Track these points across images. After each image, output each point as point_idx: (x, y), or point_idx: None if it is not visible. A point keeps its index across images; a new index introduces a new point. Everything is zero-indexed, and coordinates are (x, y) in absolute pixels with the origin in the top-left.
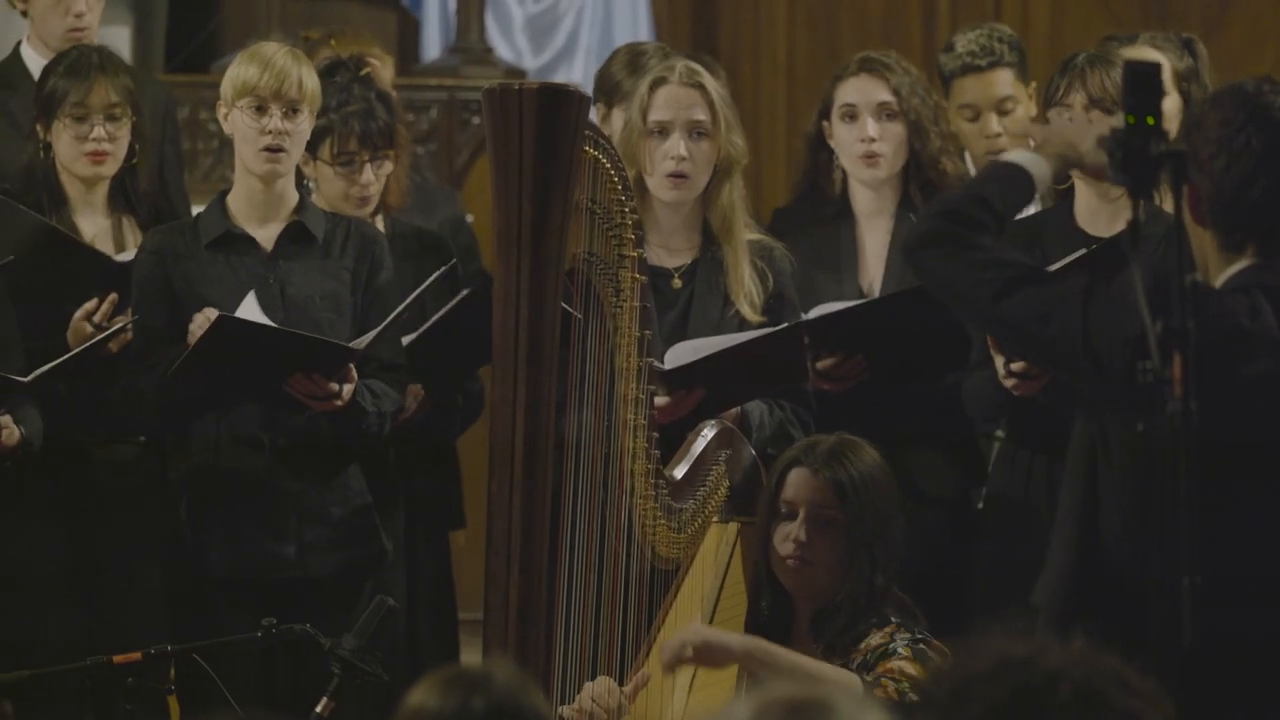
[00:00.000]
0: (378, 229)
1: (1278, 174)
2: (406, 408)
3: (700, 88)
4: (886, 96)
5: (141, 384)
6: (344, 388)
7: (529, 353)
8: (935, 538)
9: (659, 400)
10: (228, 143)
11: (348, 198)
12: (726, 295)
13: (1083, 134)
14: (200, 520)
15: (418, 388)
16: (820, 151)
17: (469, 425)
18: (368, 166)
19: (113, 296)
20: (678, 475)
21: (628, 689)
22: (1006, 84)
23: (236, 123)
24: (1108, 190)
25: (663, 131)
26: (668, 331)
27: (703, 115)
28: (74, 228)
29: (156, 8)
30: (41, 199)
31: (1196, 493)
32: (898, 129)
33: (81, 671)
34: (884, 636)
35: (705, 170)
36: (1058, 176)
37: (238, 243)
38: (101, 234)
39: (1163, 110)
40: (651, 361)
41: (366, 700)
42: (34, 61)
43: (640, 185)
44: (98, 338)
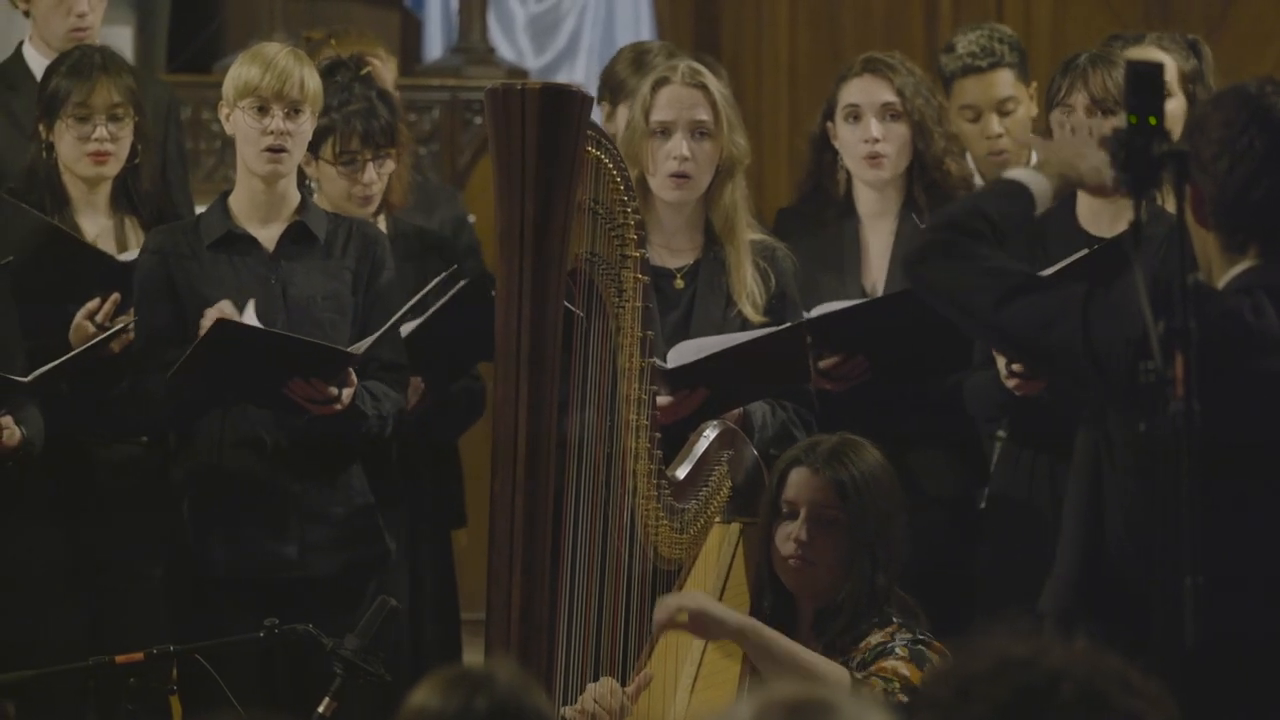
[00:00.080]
0: (380, 229)
1: None
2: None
3: (703, 88)
4: (890, 97)
5: (150, 384)
6: (343, 392)
7: (531, 353)
8: (937, 538)
9: (661, 400)
10: (230, 143)
11: (350, 197)
12: (729, 295)
13: (1083, 153)
14: (202, 520)
15: (417, 380)
16: (824, 152)
17: (471, 424)
18: (370, 166)
19: (115, 296)
20: (680, 476)
21: (630, 689)
22: (1007, 84)
23: (238, 123)
24: None
25: (665, 132)
26: (670, 332)
27: (705, 115)
28: (76, 228)
29: (159, 8)
30: (44, 199)
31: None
32: (901, 130)
33: (84, 671)
34: (885, 636)
35: (708, 170)
36: (1058, 195)
37: (239, 243)
38: (104, 234)
39: (1165, 110)
40: (654, 361)
41: (369, 701)
42: (36, 61)
43: (643, 185)
44: (99, 337)
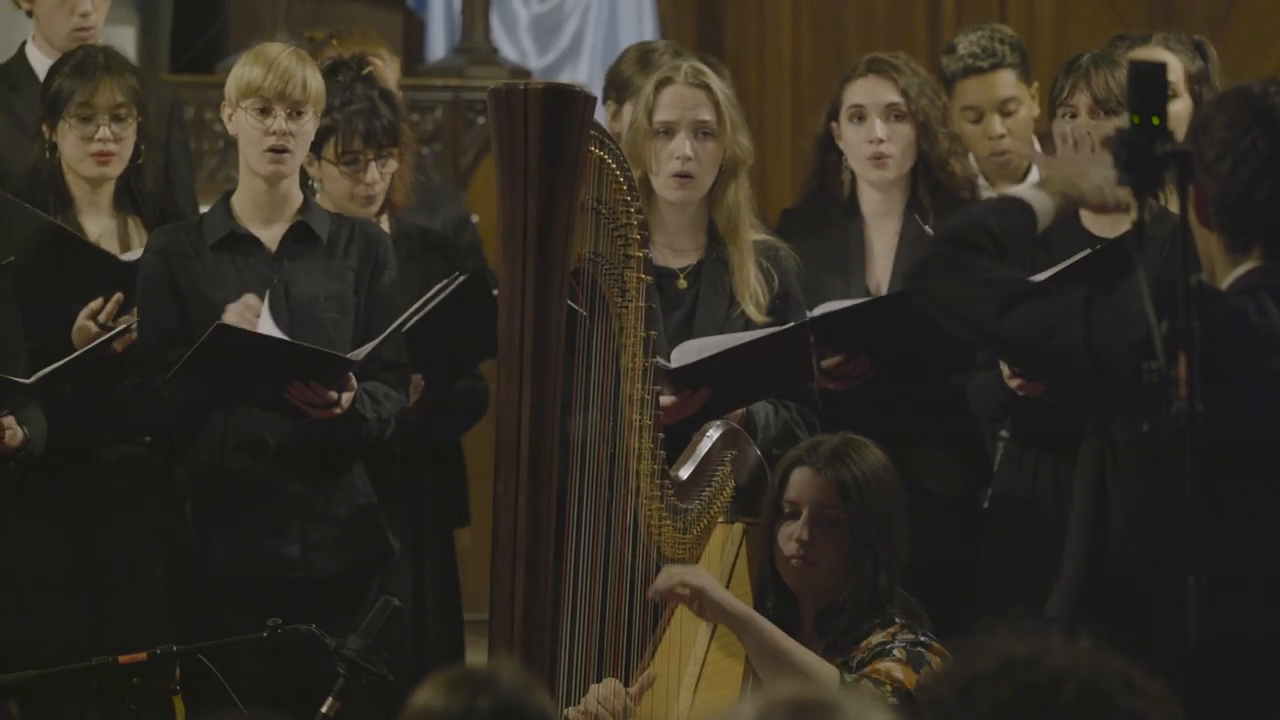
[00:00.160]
0: (382, 229)
1: None
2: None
3: (706, 88)
4: (895, 98)
5: (154, 384)
6: (343, 396)
7: (534, 353)
8: (941, 538)
9: (664, 399)
10: (232, 143)
11: (353, 197)
12: (732, 295)
13: (1085, 171)
14: (205, 520)
15: (417, 378)
16: (829, 152)
17: (473, 424)
18: (372, 165)
19: (118, 296)
20: (683, 476)
21: (633, 690)
22: (1009, 85)
23: (241, 123)
24: None
25: (668, 132)
26: (673, 332)
27: (708, 115)
28: (79, 228)
29: (162, 8)
30: (47, 199)
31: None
32: (906, 130)
33: (87, 672)
34: (886, 636)
35: (711, 170)
36: (1061, 214)
37: (242, 243)
38: (107, 234)
39: (1169, 111)
40: (657, 361)
41: (372, 700)
42: (39, 61)
43: (646, 185)
44: (102, 337)
